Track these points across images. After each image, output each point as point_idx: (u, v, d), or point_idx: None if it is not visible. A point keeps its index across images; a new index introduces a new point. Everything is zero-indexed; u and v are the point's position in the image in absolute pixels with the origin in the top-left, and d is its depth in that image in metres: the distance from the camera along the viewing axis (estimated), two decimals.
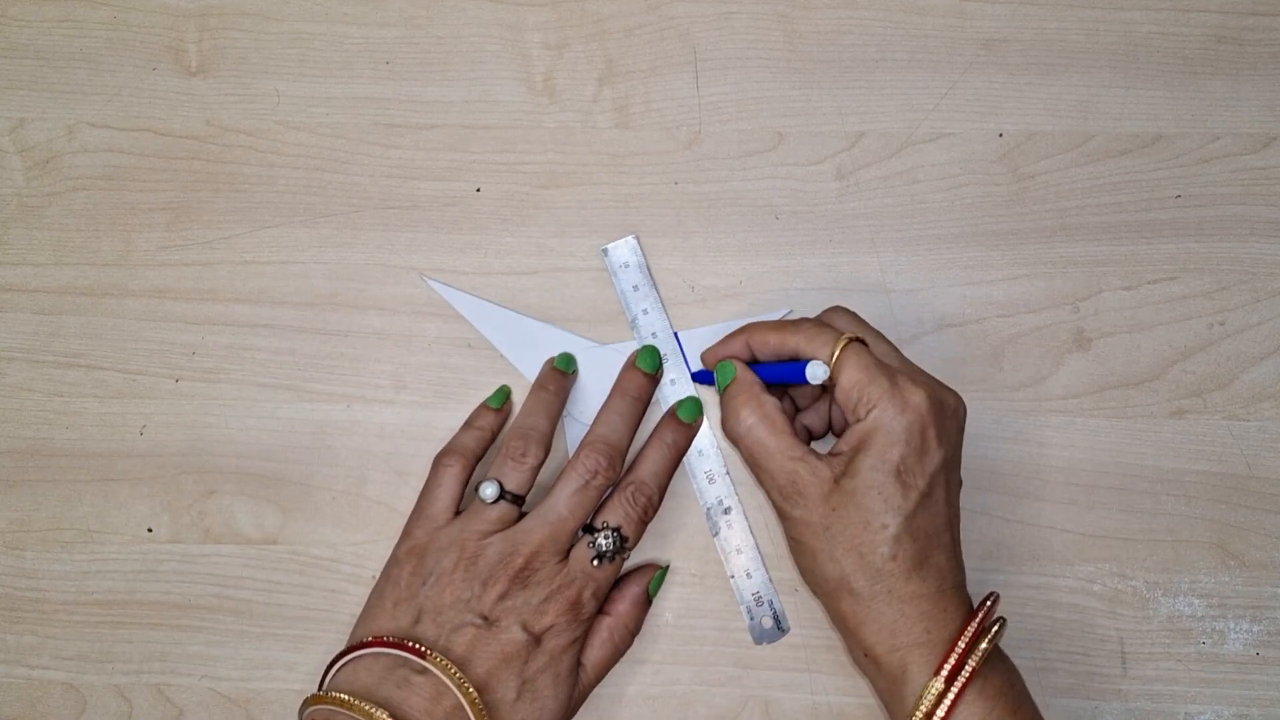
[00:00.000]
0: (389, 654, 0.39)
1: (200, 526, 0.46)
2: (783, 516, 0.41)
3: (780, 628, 0.45)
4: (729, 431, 0.42)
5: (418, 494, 0.44)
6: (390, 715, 0.37)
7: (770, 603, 0.45)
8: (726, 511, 0.46)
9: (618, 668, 0.45)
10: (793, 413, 0.45)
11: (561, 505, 0.41)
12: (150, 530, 0.46)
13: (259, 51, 0.48)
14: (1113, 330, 0.47)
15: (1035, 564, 0.46)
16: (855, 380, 0.40)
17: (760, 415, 0.41)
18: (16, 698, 0.45)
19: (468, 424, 0.45)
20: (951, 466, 0.40)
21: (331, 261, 0.47)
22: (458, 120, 0.48)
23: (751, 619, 0.45)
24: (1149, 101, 0.48)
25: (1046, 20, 0.49)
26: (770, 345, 0.42)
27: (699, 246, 0.48)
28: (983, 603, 0.39)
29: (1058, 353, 0.47)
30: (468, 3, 0.49)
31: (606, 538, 0.41)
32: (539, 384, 0.45)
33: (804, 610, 0.45)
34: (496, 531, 0.41)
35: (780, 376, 0.42)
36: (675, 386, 0.46)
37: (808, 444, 0.41)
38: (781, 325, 0.42)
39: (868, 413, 0.39)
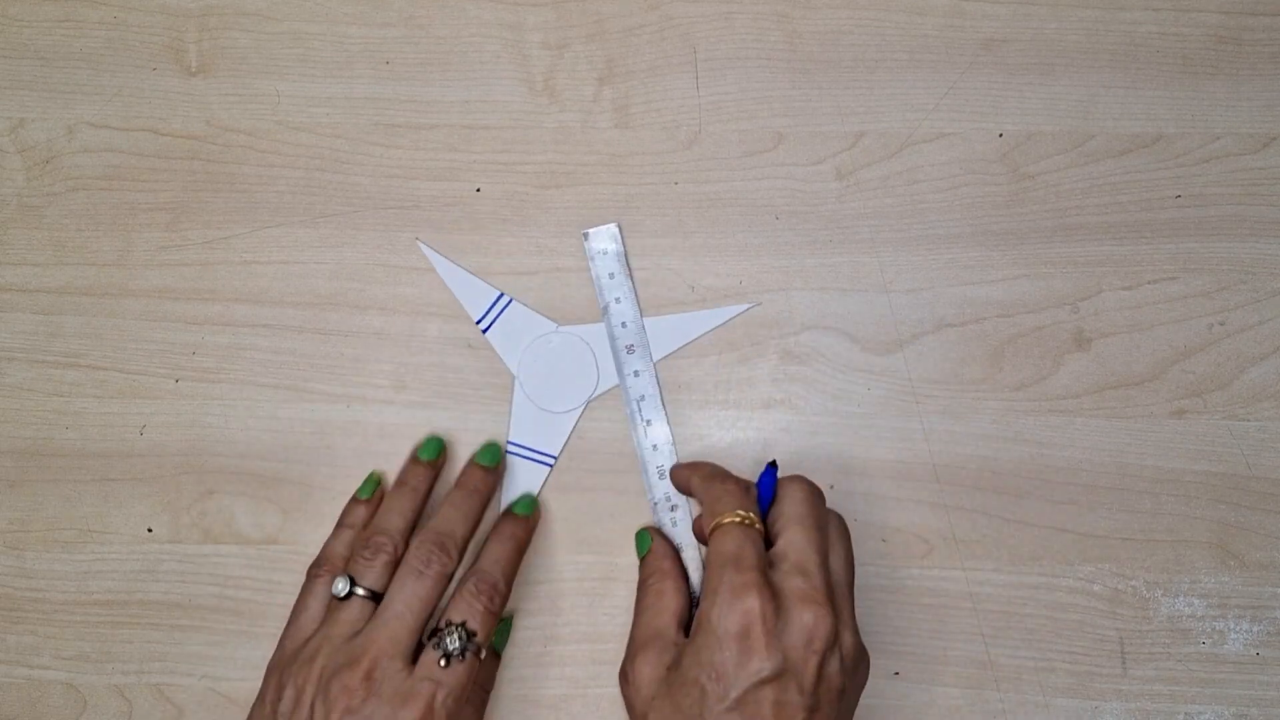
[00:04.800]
0: None
1: (200, 526, 0.46)
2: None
3: None
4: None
5: None
6: None
7: None
8: (674, 509, 0.46)
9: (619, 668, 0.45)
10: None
11: (397, 602, 0.39)
12: (150, 530, 0.46)
13: (259, 51, 0.48)
14: (1113, 330, 0.47)
15: (1035, 564, 0.46)
16: (709, 562, 0.39)
17: (651, 602, 0.41)
18: (16, 698, 0.45)
19: (340, 524, 0.44)
20: (786, 688, 0.36)
21: (331, 261, 0.47)
22: (458, 120, 0.48)
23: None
24: (1149, 101, 0.48)
25: (1046, 20, 0.49)
26: (691, 488, 0.43)
27: (699, 246, 0.48)
28: None
29: (1058, 353, 0.47)
30: (468, 3, 0.49)
31: (451, 635, 0.38)
32: (399, 480, 0.44)
33: None
34: (355, 634, 0.39)
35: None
36: (640, 379, 0.46)
37: None
38: (709, 476, 0.42)
39: (700, 601, 0.38)
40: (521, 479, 0.46)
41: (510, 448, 0.46)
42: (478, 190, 0.48)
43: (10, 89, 0.48)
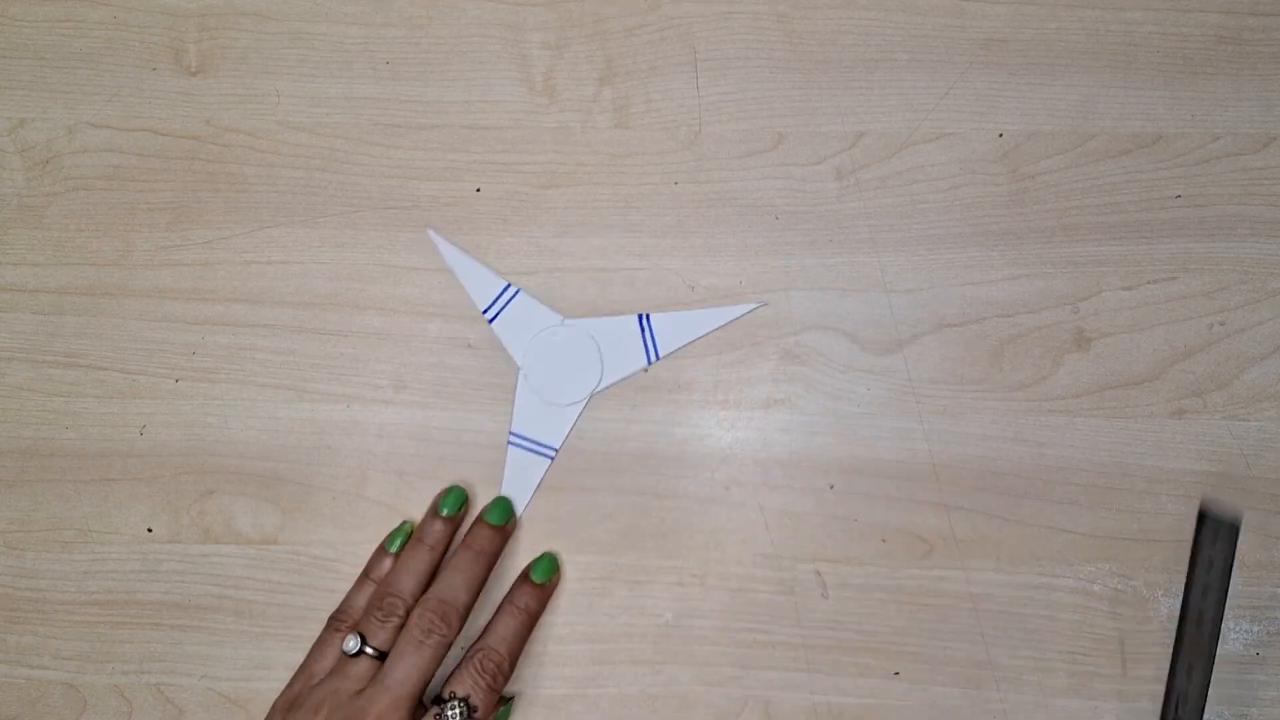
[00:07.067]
0: None
1: (200, 526, 0.46)
2: None
3: None
4: None
5: (414, 493, 0.45)
6: None
7: None
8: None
9: (618, 668, 0.45)
10: None
11: (398, 670, 0.39)
12: (150, 530, 0.46)
13: (259, 51, 0.48)
14: (1113, 330, 0.47)
15: (1035, 564, 0.46)
16: None
17: None
18: (16, 698, 0.45)
19: (363, 575, 0.44)
20: None
21: (331, 261, 0.47)
22: (458, 120, 0.48)
23: None
24: (1149, 101, 0.48)
25: (1046, 20, 0.49)
26: None
27: (699, 246, 0.48)
28: None
29: (1058, 353, 0.47)
30: (468, 3, 0.49)
31: (454, 709, 0.39)
32: (417, 534, 0.44)
33: (803, 609, 0.46)
34: (360, 690, 0.39)
35: None
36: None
37: None
38: None
39: None
40: (522, 471, 0.46)
41: (512, 439, 0.46)
42: (478, 190, 0.48)
43: (10, 89, 0.48)
